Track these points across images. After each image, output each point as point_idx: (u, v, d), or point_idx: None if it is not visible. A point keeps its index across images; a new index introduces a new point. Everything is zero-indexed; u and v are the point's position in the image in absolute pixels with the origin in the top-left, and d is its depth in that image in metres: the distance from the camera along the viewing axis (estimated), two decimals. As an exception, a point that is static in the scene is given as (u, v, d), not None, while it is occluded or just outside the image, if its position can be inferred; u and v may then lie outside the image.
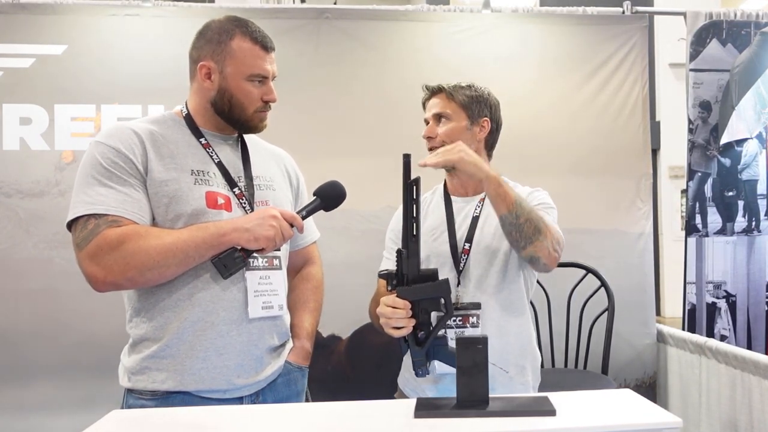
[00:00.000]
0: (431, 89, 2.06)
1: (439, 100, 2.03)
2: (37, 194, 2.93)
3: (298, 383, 1.81)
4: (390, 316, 1.62)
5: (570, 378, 2.83)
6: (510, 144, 3.05)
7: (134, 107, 3.00)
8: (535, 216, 1.81)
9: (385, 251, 2.13)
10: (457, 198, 2.08)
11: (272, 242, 1.60)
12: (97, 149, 1.60)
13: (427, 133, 2.03)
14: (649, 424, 1.37)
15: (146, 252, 1.52)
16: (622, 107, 3.29)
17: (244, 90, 1.68)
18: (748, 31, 3.38)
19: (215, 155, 1.70)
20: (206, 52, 1.68)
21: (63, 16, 3.00)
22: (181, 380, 1.60)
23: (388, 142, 3.08)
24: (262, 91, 1.70)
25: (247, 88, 1.68)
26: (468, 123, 2.02)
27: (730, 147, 3.40)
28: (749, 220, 3.42)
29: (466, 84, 2.04)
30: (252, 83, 1.68)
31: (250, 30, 1.68)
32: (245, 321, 1.65)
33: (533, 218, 1.80)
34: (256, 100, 1.69)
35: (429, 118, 2.05)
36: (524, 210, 1.79)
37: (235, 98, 1.68)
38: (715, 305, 3.40)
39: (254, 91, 1.69)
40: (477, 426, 1.36)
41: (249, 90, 1.68)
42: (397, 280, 1.64)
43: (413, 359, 1.65)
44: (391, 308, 1.62)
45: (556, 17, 3.33)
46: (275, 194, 1.78)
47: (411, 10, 3.43)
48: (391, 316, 1.61)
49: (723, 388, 2.61)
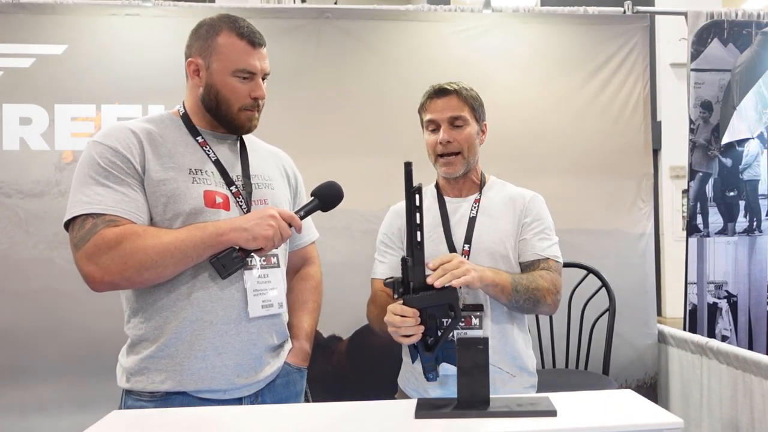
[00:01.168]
0: (440, 89, 1.96)
1: (452, 103, 1.95)
2: (37, 194, 2.93)
3: (297, 384, 1.81)
4: (399, 325, 1.62)
5: (571, 378, 2.82)
6: (511, 144, 3.08)
7: (134, 107, 3.00)
8: (533, 288, 1.85)
9: (377, 254, 2.10)
10: (450, 198, 2.05)
11: (271, 242, 1.60)
12: (94, 149, 1.59)
13: (447, 138, 1.93)
14: (651, 425, 1.37)
15: (144, 251, 1.51)
16: (623, 107, 3.28)
17: (230, 86, 1.66)
18: (750, 31, 3.37)
19: (212, 154, 1.69)
20: (195, 49, 1.68)
21: (63, 16, 3.00)
22: (180, 380, 1.59)
23: (388, 141, 3.08)
24: (249, 87, 1.68)
25: (232, 83, 1.66)
26: (477, 128, 2.00)
27: (731, 147, 3.39)
28: (750, 221, 3.41)
29: (463, 84, 1.99)
30: (238, 79, 1.66)
31: (237, 26, 1.66)
32: (244, 320, 1.65)
33: (531, 293, 1.85)
34: (242, 96, 1.67)
35: (439, 121, 1.96)
36: (522, 290, 1.84)
37: (221, 94, 1.66)
38: (716, 305, 3.39)
39: (240, 87, 1.66)
40: (478, 426, 1.36)
41: (235, 86, 1.66)
42: (404, 288, 1.64)
43: (423, 365, 1.66)
44: (400, 317, 1.61)
45: (557, 17, 3.32)
46: (274, 193, 1.78)
47: (412, 9, 3.42)
48: (401, 325, 1.61)
49: (724, 389, 2.60)
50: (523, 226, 1.99)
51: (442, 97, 1.96)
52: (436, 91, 1.97)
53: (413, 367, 1.97)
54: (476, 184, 2.06)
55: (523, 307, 1.87)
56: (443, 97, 1.96)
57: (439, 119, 1.95)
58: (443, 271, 1.65)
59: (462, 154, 1.96)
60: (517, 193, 2.06)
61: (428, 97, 1.99)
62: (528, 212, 2.01)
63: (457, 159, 1.96)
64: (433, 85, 1.99)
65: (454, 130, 1.95)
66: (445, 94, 1.95)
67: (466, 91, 1.97)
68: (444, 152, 1.96)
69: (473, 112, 1.97)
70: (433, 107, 1.97)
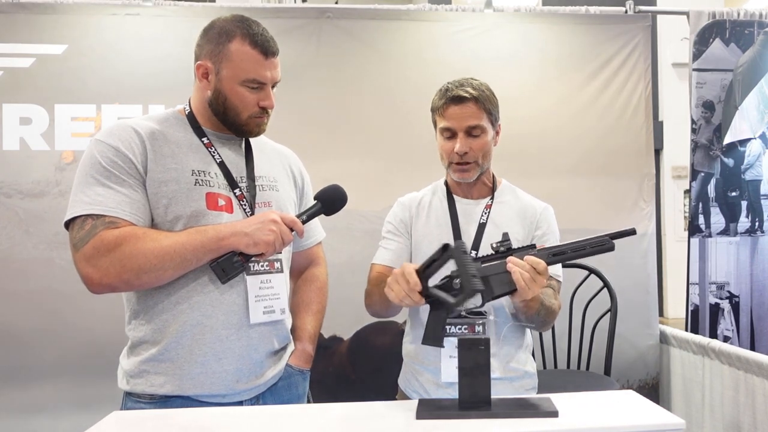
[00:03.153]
0: (459, 97, 1.86)
1: (471, 111, 1.87)
2: (37, 194, 2.92)
3: (299, 387, 1.79)
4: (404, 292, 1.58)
5: (572, 379, 2.82)
6: (513, 144, 3.07)
7: (135, 107, 2.99)
8: (549, 311, 1.83)
9: (382, 242, 2.05)
10: (460, 199, 2.01)
11: (272, 247, 1.58)
12: (96, 148, 1.58)
13: (463, 149, 1.87)
14: (652, 426, 1.36)
15: (143, 255, 1.50)
16: (625, 107, 3.28)
17: (239, 94, 1.63)
18: (752, 31, 3.37)
19: (217, 155, 1.67)
20: (206, 51, 1.64)
21: (63, 15, 2.99)
22: (179, 385, 1.58)
23: (389, 141, 3.08)
24: (259, 96, 1.65)
25: (242, 92, 1.63)
26: (493, 132, 1.94)
27: (733, 147, 3.38)
28: (752, 221, 3.41)
29: (477, 82, 1.91)
30: (247, 88, 1.63)
31: (251, 33, 1.61)
32: (245, 325, 1.63)
33: (548, 313, 1.83)
34: (251, 105, 1.64)
35: (456, 129, 1.88)
36: (545, 308, 1.81)
37: (230, 101, 1.63)
38: (718, 306, 3.38)
39: (249, 96, 1.63)
40: (479, 427, 1.35)
41: (244, 95, 1.63)
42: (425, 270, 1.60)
43: (429, 327, 1.65)
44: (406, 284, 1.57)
45: (559, 17, 3.32)
46: (279, 195, 1.76)
47: (413, 9, 3.42)
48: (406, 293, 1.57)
49: (726, 390, 2.60)
50: (533, 239, 1.96)
51: (459, 104, 1.87)
52: (452, 98, 1.87)
53: (414, 367, 1.97)
54: (488, 186, 2.03)
55: (536, 324, 1.87)
56: (460, 104, 1.87)
57: (456, 128, 1.88)
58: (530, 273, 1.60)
59: (477, 161, 1.91)
60: (528, 204, 2.03)
61: (444, 102, 1.89)
62: (539, 225, 1.98)
63: (472, 167, 1.91)
64: (450, 87, 1.90)
65: (470, 139, 1.88)
66: (462, 101, 1.86)
67: (483, 94, 1.88)
68: (460, 161, 1.90)
69: (490, 117, 1.90)
70: (449, 114, 1.88)
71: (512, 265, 1.62)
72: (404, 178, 2.81)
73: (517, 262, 1.62)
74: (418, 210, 2.03)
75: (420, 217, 2.02)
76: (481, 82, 1.93)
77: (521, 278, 1.60)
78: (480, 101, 1.87)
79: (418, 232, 2.00)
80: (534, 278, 1.61)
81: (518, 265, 1.61)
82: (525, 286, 1.60)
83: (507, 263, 1.63)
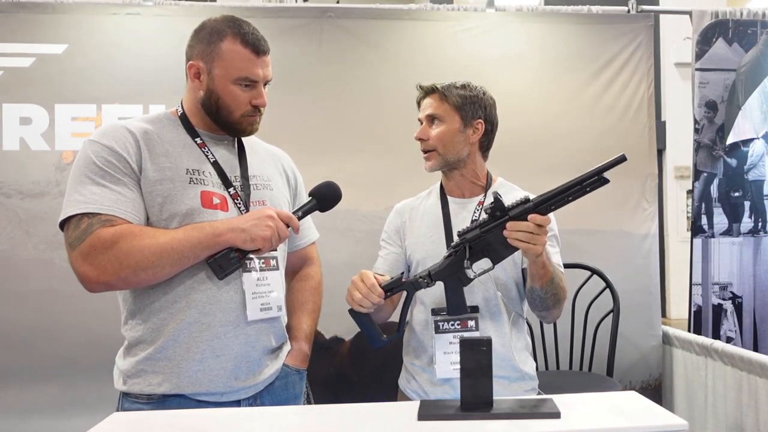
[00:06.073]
0: (425, 89, 2.03)
1: (432, 101, 2.00)
2: (37, 195, 2.92)
3: (296, 386, 1.80)
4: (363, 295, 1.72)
5: (575, 380, 2.81)
6: (514, 144, 3.06)
7: (135, 107, 2.99)
8: (560, 286, 1.83)
9: (381, 251, 2.11)
10: (453, 198, 2.05)
11: (268, 243, 1.59)
12: (90, 148, 1.58)
13: (420, 135, 2.01)
14: (655, 427, 1.36)
15: (140, 252, 1.50)
16: (628, 107, 3.26)
17: (231, 93, 1.64)
18: (755, 30, 3.36)
19: (211, 155, 1.68)
20: (197, 51, 1.65)
21: (63, 15, 2.99)
22: (177, 383, 1.58)
23: (391, 141, 3.07)
24: (251, 95, 1.66)
25: (234, 91, 1.64)
26: (461, 125, 1.98)
27: (736, 147, 3.37)
28: (755, 221, 3.39)
29: (461, 83, 2.00)
30: (239, 87, 1.64)
31: (242, 32, 1.63)
32: (242, 323, 1.63)
33: (558, 289, 1.83)
34: (243, 104, 1.66)
35: (422, 119, 2.02)
36: (555, 282, 1.81)
37: (222, 101, 1.65)
38: (721, 307, 3.37)
39: (242, 94, 1.65)
40: (481, 428, 1.35)
41: (236, 93, 1.64)
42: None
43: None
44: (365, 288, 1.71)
45: (561, 16, 3.31)
46: (273, 194, 1.77)
47: (414, 8, 3.41)
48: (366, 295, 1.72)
49: (729, 391, 2.59)
50: None
51: (426, 96, 2.02)
52: (422, 91, 2.04)
53: (414, 368, 1.97)
54: (479, 185, 2.05)
55: (546, 301, 1.84)
56: (426, 96, 2.02)
57: (421, 117, 2.03)
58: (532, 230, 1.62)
59: (437, 151, 1.98)
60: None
61: (419, 97, 2.06)
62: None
63: (432, 155, 1.99)
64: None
65: (429, 128, 1.99)
66: (426, 93, 2.02)
67: (450, 88, 1.98)
68: (422, 149, 2.02)
69: (457, 111, 1.97)
70: (420, 106, 2.05)
71: (508, 232, 1.63)
72: (405, 178, 2.80)
73: (512, 229, 1.63)
74: (411, 214, 2.09)
75: (414, 220, 2.07)
76: (470, 84, 2.02)
77: (521, 240, 1.62)
78: (445, 94, 1.98)
79: (413, 235, 2.04)
80: (534, 233, 1.62)
81: (514, 228, 1.63)
82: (528, 245, 1.63)
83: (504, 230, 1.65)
